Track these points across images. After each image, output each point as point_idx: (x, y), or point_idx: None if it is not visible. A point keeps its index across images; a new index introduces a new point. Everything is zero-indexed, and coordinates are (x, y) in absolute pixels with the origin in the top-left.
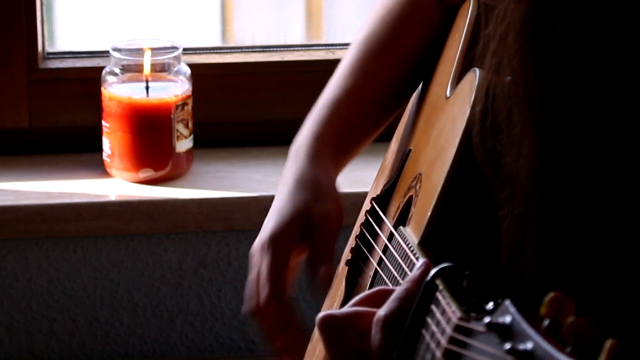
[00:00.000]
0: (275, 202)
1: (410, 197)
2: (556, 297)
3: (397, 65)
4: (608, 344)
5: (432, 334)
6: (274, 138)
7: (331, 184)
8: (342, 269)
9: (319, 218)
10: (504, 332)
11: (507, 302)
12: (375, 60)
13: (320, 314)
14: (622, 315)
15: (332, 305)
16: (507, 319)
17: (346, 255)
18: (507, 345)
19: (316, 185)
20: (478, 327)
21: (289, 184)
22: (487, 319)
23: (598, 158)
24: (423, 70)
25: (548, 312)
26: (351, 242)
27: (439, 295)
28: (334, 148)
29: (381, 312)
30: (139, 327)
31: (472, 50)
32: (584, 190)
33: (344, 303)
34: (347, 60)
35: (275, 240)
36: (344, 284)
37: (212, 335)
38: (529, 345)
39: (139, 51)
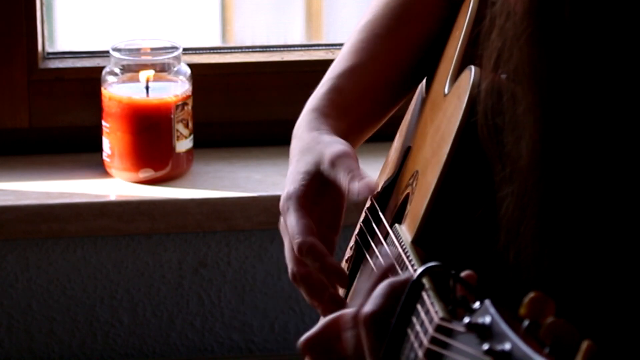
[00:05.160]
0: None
1: (408, 195)
2: (536, 298)
3: (400, 50)
4: (584, 345)
5: (416, 334)
6: (274, 138)
7: (335, 138)
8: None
9: (333, 161)
10: (483, 333)
11: (487, 302)
12: (380, 42)
13: (300, 340)
14: (614, 306)
15: None
16: (487, 319)
17: (347, 252)
18: (486, 346)
19: (321, 143)
20: (458, 327)
21: (295, 156)
22: (467, 319)
23: (601, 140)
24: (426, 67)
25: (528, 313)
26: (352, 239)
27: (424, 295)
28: (334, 118)
29: (366, 308)
30: (139, 327)
31: (472, 47)
32: (586, 172)
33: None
34: (349, 42)
35: (291, 198)
36: None
37: (212, 335)
38: (507, 346)
39: (139, 51)
